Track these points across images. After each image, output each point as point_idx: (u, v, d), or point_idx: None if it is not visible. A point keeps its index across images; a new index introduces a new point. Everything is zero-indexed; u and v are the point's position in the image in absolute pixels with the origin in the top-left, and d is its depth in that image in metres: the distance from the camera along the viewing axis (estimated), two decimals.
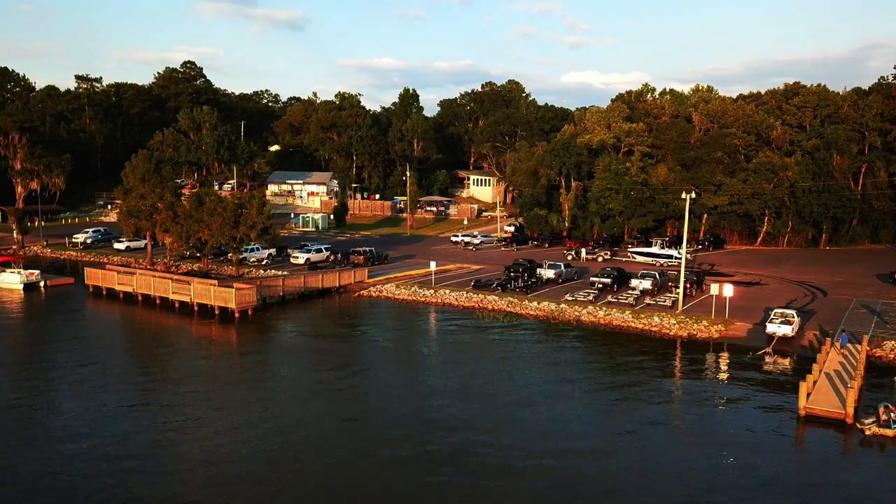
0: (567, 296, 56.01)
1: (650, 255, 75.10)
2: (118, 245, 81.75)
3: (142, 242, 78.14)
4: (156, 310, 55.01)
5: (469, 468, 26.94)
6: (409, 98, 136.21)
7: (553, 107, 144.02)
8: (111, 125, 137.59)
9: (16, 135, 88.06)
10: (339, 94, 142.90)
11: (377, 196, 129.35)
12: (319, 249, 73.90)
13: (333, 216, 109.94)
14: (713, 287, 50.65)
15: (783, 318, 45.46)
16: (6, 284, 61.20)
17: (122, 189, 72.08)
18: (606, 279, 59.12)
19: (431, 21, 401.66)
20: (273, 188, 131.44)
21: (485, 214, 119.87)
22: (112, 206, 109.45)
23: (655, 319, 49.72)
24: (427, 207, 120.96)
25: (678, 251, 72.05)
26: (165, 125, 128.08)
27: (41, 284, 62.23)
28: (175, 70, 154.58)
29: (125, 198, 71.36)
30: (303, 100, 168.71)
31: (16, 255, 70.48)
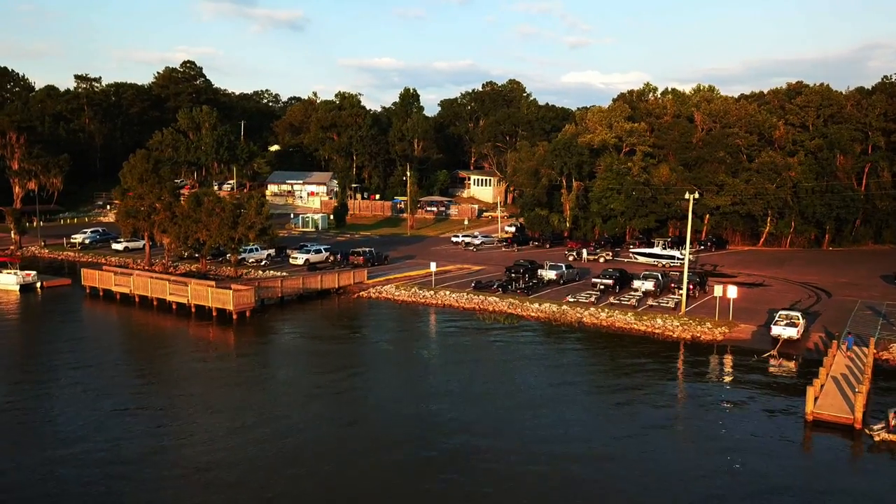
0: (569, 297, 55.42)
1: (652, 256, 74.52)
2: (116, 245, 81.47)
3: (140, 243, 77.70)
4: (153, 311, 54.47)
5: (469, 472, 26.41)
6: (410, 98, 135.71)
7: (554, 107, 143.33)
8: (110, 125, 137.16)
9: (13, 134, 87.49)
10: (339, 94, 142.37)
11: (377, 196, 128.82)
12: (319, 250, 73.39)
13: (333, 216, 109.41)
14: (716, 288, 50.03)
15: (788, 321, 44.81)
16: (2, 285, 60.69)
17: (120, 189, 71.68)
18: (608, 280, 58.54)
19: (431, 21, 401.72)
20: (273, 188, 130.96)
21: (485, 215, 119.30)
22: (111, 207, 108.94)
23: (658, 321, 49.11)
24: (427, 208, 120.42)
25: (680, 252, 71.47)
26: (165, 125, 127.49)
27: (38, 285, 61.78)
28: (175, 70, 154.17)
29: (123, 198, 70.92)
30: (303, 100, 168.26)
31: (13, 256, 69.88)
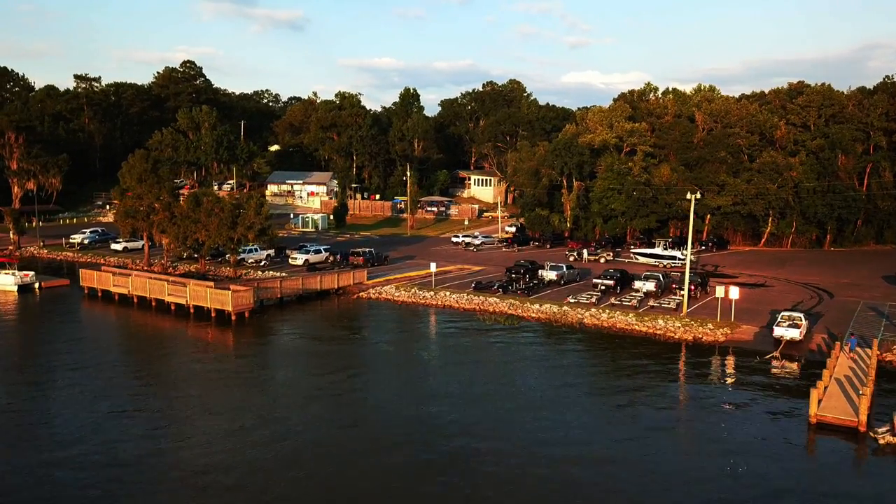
0: (569, 298, 55.11)
1: (653, 257, 74.19)
2: (115, 246, 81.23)
3: (139, 243, 77.44)
4: (151, 312, 54.17)
5: (469, 475, 26.12)
6: (410, 97, 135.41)
7: (554, 107, 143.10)
8: (110, 125, 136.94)
9: (12, 134, 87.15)
10: (339, 94, 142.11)
11: (377, 196, 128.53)
12: (318, 250, 73.10)
13: (333, 216, 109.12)
14: (718, 289, 49.71)
15: (791, 322, 44.49)
16: (0, 286, 60.38)
17: (119, 189, 71.39)
18: (609, 281, 58.22)
19: (431, 21, 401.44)
20: (273, 188, 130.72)
21: (486, 215, 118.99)
22: (110, 207, 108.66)
23: (660, 322, 48.78)
24: (427, 208, 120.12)
25: (681, 252, 71.14)
26: (165, 125, 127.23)
27: (36, 286, 61.49)
28: (175, 69, 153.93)
29: (122, 198, 70.62)
30: (303, 99, 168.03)
31: (11, 256, 69.60)
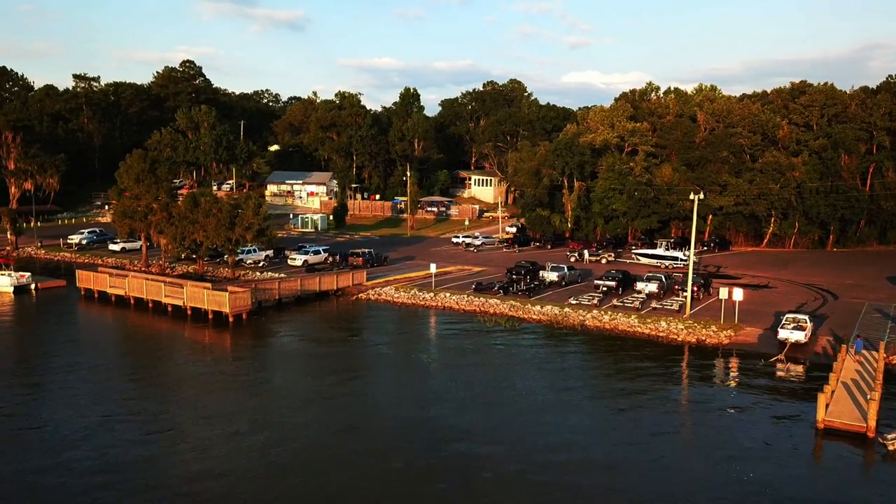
0: (571, 299, 54.51)
1: (655, 257, 73.61)
2: (113, 246, 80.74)
3: (137, 244, 76.91)
4: (148, 313, 53.58)
5: (469, 480, 25.57)
6: (410, 97, 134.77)
7: (555, 106, 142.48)
8: (109, 125, 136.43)
9: (9, 134, 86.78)
10: (339, 94, 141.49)
11: (377, 196, 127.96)
12: (317, 251, 72.56)
13: (333, 217, 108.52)
14: (721, 291, 49.08)
15: (795, 324, 43.88)
16: None
17: (117, 189, 70.83)
18: (611, 282, 57.63)
19: (431, 21, 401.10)
20: (272, 188, 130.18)
21: (486, 215, 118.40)
22: (109, 207, 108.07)
23: (662, 324, 48.17)
24: (428, 208, 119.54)
25: (683, 252, 70.58)
26: (164, 125, 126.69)
27: (32, 287, 60.91)
28: (174, 69, 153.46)
29: (119, 198, 70.06)
30: (303, 99, 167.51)
31: (8, 257, 69.03)
